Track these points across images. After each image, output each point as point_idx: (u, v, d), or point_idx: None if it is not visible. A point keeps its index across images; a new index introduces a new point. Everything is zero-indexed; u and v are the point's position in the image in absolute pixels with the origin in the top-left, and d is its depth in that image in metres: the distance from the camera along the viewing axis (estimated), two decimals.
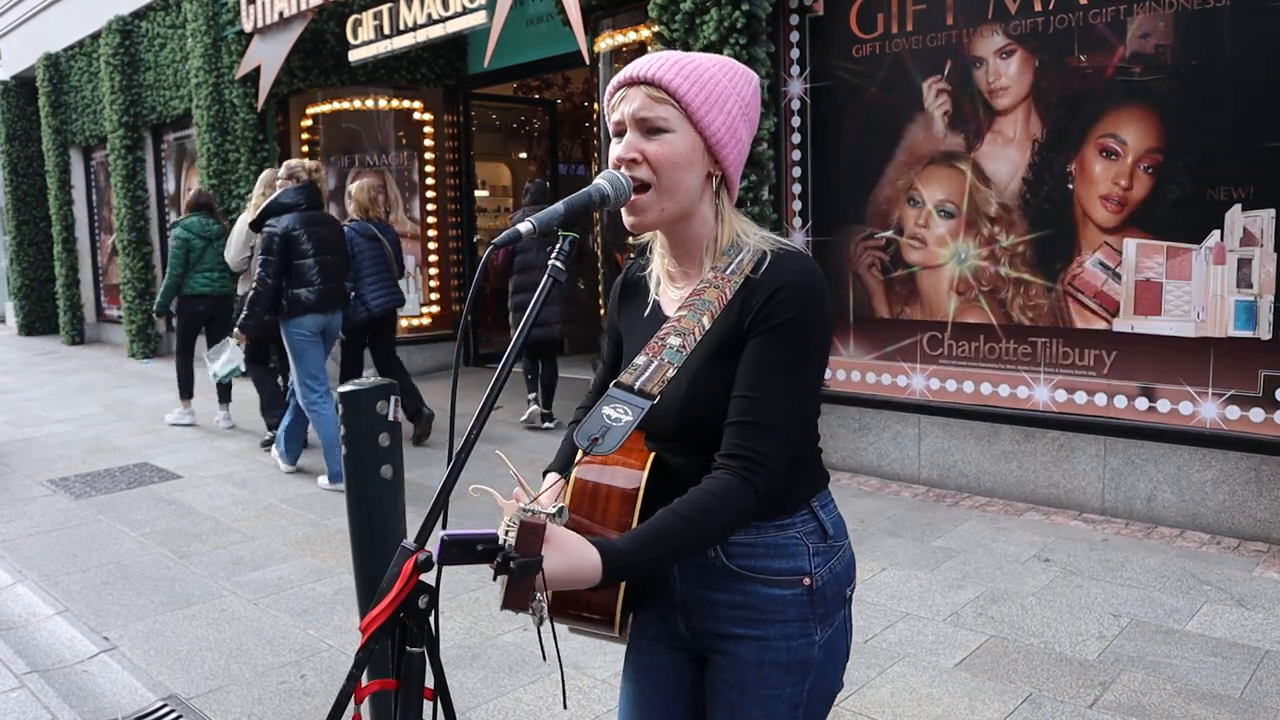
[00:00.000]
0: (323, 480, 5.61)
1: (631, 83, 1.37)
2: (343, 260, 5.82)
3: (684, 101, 1.34)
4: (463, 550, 1.14)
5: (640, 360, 1.38)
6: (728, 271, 1.38)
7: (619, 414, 1.34)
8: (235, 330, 5.83)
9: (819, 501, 1.44)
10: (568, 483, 1.48)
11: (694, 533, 1.27)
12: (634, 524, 1.35)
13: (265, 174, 6.36)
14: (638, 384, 1.36)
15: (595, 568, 1.21)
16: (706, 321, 1.35)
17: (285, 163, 5.89)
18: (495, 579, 1.17)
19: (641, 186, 1.37)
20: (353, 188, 6.62)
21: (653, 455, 1.39)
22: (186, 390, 7.53)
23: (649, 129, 1.36)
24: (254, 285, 5.55)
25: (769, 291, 1.33)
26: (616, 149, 1.39)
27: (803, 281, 1.33)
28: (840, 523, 1.47)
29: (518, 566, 1.13)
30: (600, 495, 1.37)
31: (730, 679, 1.42)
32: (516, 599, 1.16)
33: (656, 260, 1.51)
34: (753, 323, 1.33)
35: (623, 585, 1.37)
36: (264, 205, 5.74)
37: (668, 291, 1.49)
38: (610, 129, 1.41)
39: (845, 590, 1.45)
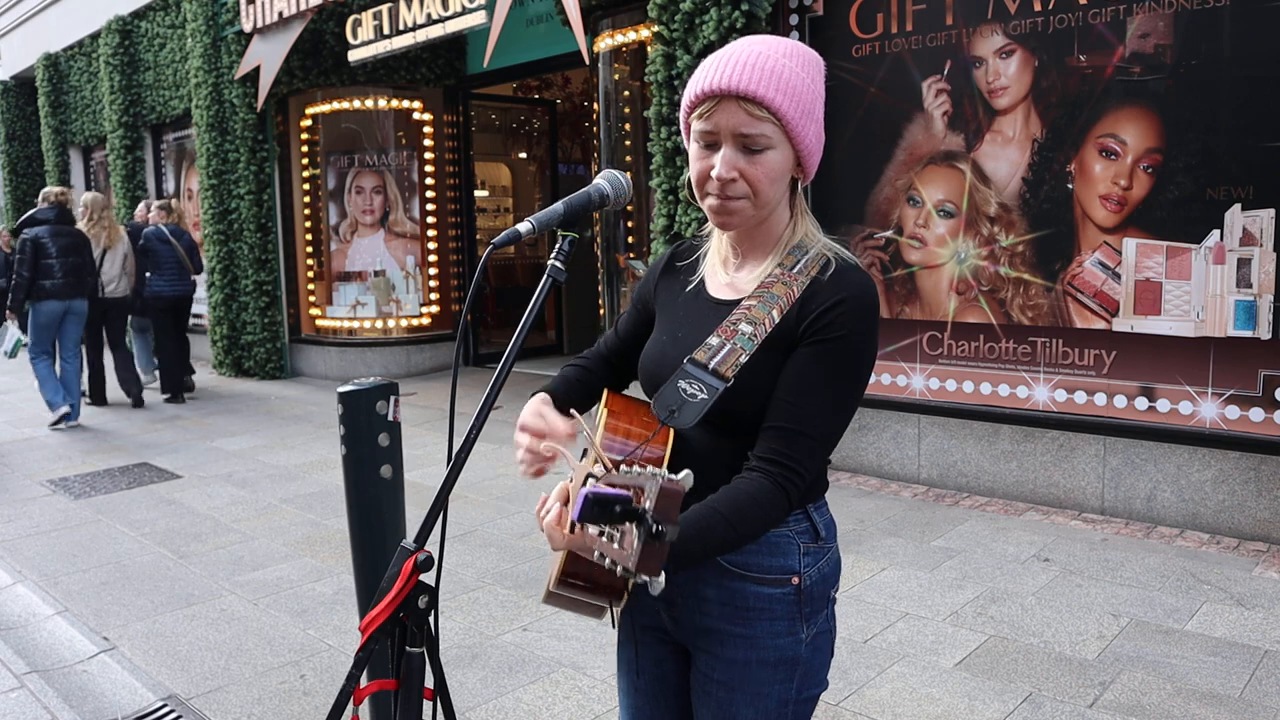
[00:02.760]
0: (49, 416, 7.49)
1: (725, 94, 1.33)
2: (82, 261, 7.57)
3: (783, 118, 1.33)
4: (603, 509, 1.09)
5: (714, 341, 1.38)
6: (795, 270, 1.38)
7: (695, 390, 1.35)
8: (7, 312, 7.60)
9: (814, 504, 1.45)
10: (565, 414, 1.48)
11: (731, 533, 1.28)
12: None
13: (97, 198, 8.30)
14: (712, 364, 1.35)
15: None
16: (776, 315, 1.36)
17: (43, 190, 7.74)
18: (636, 542, 1.10)
19: (735, 198, 1.36)
20: (173, 201, 8.99)
21: (673, 433, 1.40)
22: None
23: (748, 146, 1.34)
24: (13, 278, 7.32)
25: (827, 303, 1.33)
26: (707, 159, 1.36)
27: (860, 299, 1.34)
28: (832, 525, 1.48)
29: (667, 531, 1.09)
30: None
31: (718, 677, 1.43)
32: (653, 564, 1.12)
33: (714, 243, 1.51)
34: (807, 330, 1.34)
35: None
36: (23, 218, 7.57)
37: (718, 274, 1.49)
38: (695, 135, 1.38)
39: (831, 591, 1.47)
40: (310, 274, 9.81)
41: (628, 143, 6.66)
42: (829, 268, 1.37)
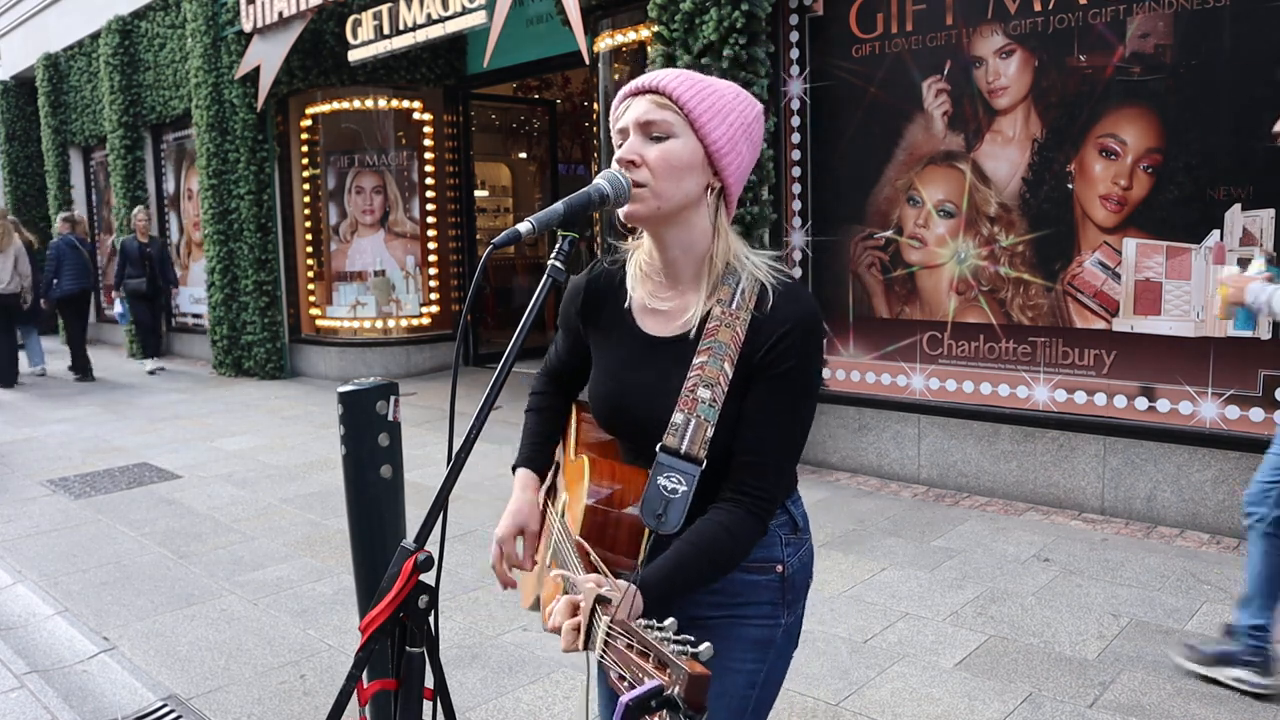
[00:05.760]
0: None
1: (638, 92, 1.41)
2: None
3: (686, 109, 1.37)
4: (639, 710, 1.06)
5: (679, 419, 1.38)
6: (733, 306, 1.39)
7: (675, 484, 1.36)
8: None
9: (791, 499, 1.52)
10: (554, 493, 1.55)
11: (709, 566, 1.35)
12: (642, 551, 1.38)
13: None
14: (684, 448, 1.36)
15: (641, 607, 1.27)
16: (729, 368, 1.37)
17: None
18: None
19: (638, 185, 1.40)
20: (75, 213, 10.93)
21: None
22: None
23: (651, 134, 1.38)
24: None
25: (775, 336, 1.37)
26: (619, 153, 1.42)
27: (806, 326, 1.38)
28: (806, 518, 1.55)
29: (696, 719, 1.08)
30: (610, 523, 1.40)
31: None
32: None
33: (632, 268, 1.51)
34: (759, 365, 1.37)
35: None
36: None
37: (646, 304, 1.48)
38: (615, 137, 1.44)
39: (808, 580, 1.55)
40: (310, 274, 9.81)
41: None
42: (766, 298, 1.39)
